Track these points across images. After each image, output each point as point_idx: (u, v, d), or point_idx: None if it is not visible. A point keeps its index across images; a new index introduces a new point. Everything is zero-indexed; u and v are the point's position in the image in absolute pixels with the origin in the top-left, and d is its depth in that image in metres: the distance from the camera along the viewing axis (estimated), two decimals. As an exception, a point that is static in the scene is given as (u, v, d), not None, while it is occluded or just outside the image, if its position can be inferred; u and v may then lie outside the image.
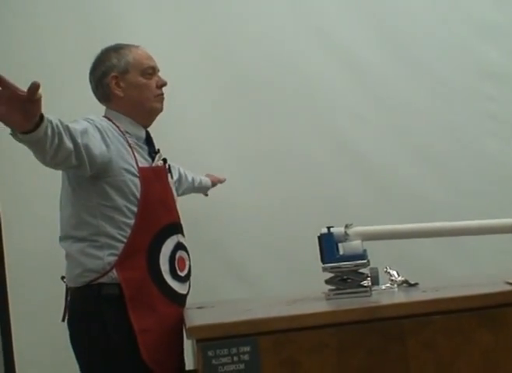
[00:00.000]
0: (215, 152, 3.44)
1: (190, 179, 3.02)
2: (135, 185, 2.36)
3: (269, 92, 3.51)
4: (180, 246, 2.46)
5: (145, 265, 2.33)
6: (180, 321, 2.35)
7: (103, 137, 2.31)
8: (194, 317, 2.20)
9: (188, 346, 2.41)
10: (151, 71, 2.50)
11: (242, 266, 3.38)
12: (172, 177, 2.60)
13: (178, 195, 2.75)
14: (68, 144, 2.10)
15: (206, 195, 3.20)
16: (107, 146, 2.31)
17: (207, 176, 3.18)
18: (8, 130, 1.96)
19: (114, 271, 2.30)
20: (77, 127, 2.18)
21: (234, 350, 1.91)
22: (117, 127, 2.42)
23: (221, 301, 2.69)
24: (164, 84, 2.53)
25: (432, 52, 3.63)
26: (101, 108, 2.53)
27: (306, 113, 3.53)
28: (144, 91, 2.48)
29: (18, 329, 3.24)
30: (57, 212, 2.46)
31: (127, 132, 2.43)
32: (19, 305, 3.24)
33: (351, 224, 2.36)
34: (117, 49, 2.50)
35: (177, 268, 2.42)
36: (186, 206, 3.10)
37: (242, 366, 1.91)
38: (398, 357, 1.96)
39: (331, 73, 3.57)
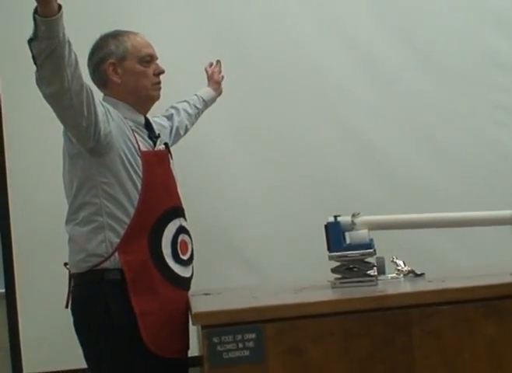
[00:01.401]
0: (222, 139, 3.44)
1: (191, 110, 2.98)
2: (137, 164, 2.36)
3: (278, 80, 3.50)
4: (182, 230, 2.46)
5: (146, 248, 2.34)
6: (183, 304, 2.36)
7: (103, 110, 2.32)
8: (200, 303, 2.21)
9: (193, 332, 2.41)
10: (149, 58, 2.50)
11: (248, 253, 3.39)
12: (172, 158, 2.58)
13: (189, 128, 2.91)
14: (81, 73, 2.15)
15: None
16: (108, 120, 2.32)
17: (208, 85, 3.14)
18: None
19: (116, 254, 2.30)
20: None
21: (239, 337, 1.92)
22: (118, 111, 2.43)
23: (227, 287, 2.69)
24: (162, 72, 2.53)
25: (442, 42, 3.62)
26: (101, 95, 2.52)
27: (316, 102, 3.53)
28: (141, 78, 2.48)
29: (25, 314, 3.27)
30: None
31: (125, 117, 2.44)
32: (26, 290, 3.26)
33: (358, 214, 2.36)
34: (115, 35, 2.50)
35: (179, 251, 2.43)
36: (193, 191, 3.13)
37: (247, 353, 1.92)
38: (403, 347, 1.96)
39: (340, 62, 3.57)
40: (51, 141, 2.43)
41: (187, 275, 2.47)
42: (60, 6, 1.99)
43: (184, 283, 2.45)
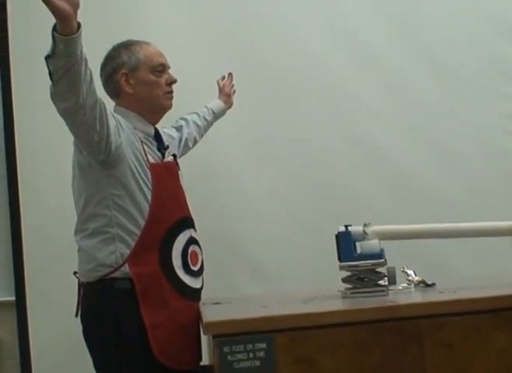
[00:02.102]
0: (230, 144, 3.45)
1: (200, 122, 2.99)
2: (146, 176, 2.36)
3: (288, 87, 3.52)
4: (192, 241, 2.46)
5: (157, 260, 2.33)
6: (194, 315, 2.35)
7: (115, 122, 2.32)
8: (211, 313, 2.20)
9: (204, 341, 2.41)
10: (161, 68, 2.50)
11: (258, 263, 3.39)
12: (179, 169, 2.58)
13: (198, 140, 2.94)
14: (95, 89, 2.15)
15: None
16: (119, 132, 2.32)
17: (219, 97, 3.16)
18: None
19: (127, 266, 2.30)
20: None
21: (250, 347, 1.91)
22: (128, 122, 2.43)
23: (237, 297, 2.69)
24: (174, 81, 2.53)
25: (451, 50, 3.64)
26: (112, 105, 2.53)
27: (326, 109, 3.55)
28: (153, 88, 2.48)
29: (35, 322, 3.28)
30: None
31: (135, 128, 2.44)
32: (36, 299, 3.27)
33: (369, 223, 2.36)
34: (127, 45, 2.50)
35: (189, 263, 2.42)
36: (203, 200, 3.13)
37: (257, 363, 1.91)
38: (414, 358, 1.95)
39: (351, 71, 3.58)
40: (65, 148, 2.43)
41: (198, 286, 2.47)
42: (79, 24, 1.99)
43: (195, 294, 2.45)
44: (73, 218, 2.45)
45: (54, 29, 1.97)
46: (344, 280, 2.33)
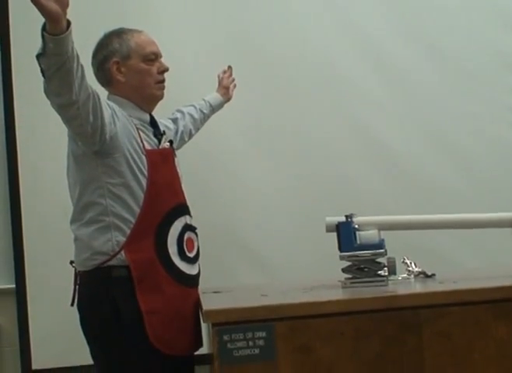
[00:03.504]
0: (231, 135, 3.45)
1: (196, 115, 2.95)
2: (142, 164, 2.36)
3: (289, 79, 3.51)
4: (188, 227, 2.46)
5: (153, 247, 2.34)
6: (190, 302, 2.36)
7: (110, 111, 2.32)
8: (211, 301, 2.21)
9: (204, 329, 2.41)
10: (153, 56, 2.48)
11: (259, 252, 3.39)
12: (176, 156, 2.58)
13: (194, 134, 2.91)
14: (87, 83, 2.14)
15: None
16: (114, 121, 2.32)
17: (217, 90, 3.11)
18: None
19: (123, 253, 2.31)
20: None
21: (250, 335, 1.92)
22: (123, 110, 2.43)
23: (237, 285, 2.70)
24: (165, 70, 2.51)
25: (455, 42, 3.62)
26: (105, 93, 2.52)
27: (326, 100, 3.53)
28: (145, 77, 2.47)
29: (34, 310, 3.29)
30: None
31: (130, 116, 2.44)
32: (36, 287, 3.28)
33: (355, 214, 2.37)
34: (119, 33, 2.49)
35: (185, 249, 2.42)
36: (204, 190, 3.14)
37: (257, 351, 1.92)
38: (413, 347, 1.96)
39: (353, 62, 3.57)
40: (64, 141, 2.43)
41: (194, 272, 2.47)
42: (69, 22, 1.98)
43: (191, 280, 2.45)
44: (72, 208, 2.45)
45: (44, 28, 1.97)
46: (344, 270, 2.33)
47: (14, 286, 3.35)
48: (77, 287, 2.42)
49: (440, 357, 1.97)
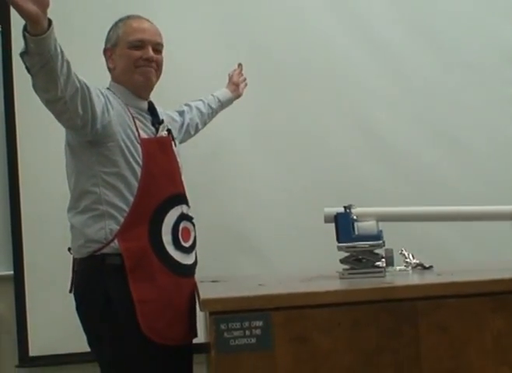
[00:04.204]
0: (231, 127, 3.44)
1: (204, 109, 2.95)
2: (137, 153, 2.36)
3: (294, 76, 3.53)
4: (184, 217, 2.45)
5: (146, 235, 2.34)
6: (184, 291, 2.37)
7: (103, 100, 2.32)
8: (208, 290, 2.21)
9: (200, 318, 2.41)
10: (138, 43, 2.45)
11: (257, 243, 3.40)
12: (176, 145, 2.57)
13: (201, 128, 2.92)
14: (74, 78, 2.14)
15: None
16: (108, 110, 2.32)
17: (227, 86, 3.10)
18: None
19: (116, 241, 2.31)
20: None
21: (246, 324, 1.92)
22: (119, 98, 2.44)
23: (235, 275, 2.70)
24: (148, 58, 2.46)
25: (458, 36, 3.63)
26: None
27: (327, 92, 3.54)
28: (126, 61, 2.46)
29: (32, 297, 3.29)
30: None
31: (127, 103, 2.44)
32: (34, 274, 3.29)
33: (353, 205, 2.37)
34: (116, 22, 2.51)
35: (180, 239, 2.42)
36: (202, 179, 3.13)
37: (254, 340, 1.92)
38: (409, 339, 1.96)
39: (355, 55, 3.58)
40: (62, 134, 2.43)
41: (189, 262, 2.46)
42: (50, 22, 1.98)
43: (185, 270, 2.44)
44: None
45: (25, 28, 1.97)
46: (342, 260, 2.33)
47: (12, 273, 3.35)
48: (74, 274, 2.43)
49: (436, 348, 1.97)
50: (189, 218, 2.49)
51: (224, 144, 3.43)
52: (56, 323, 3.21)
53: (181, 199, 2.48)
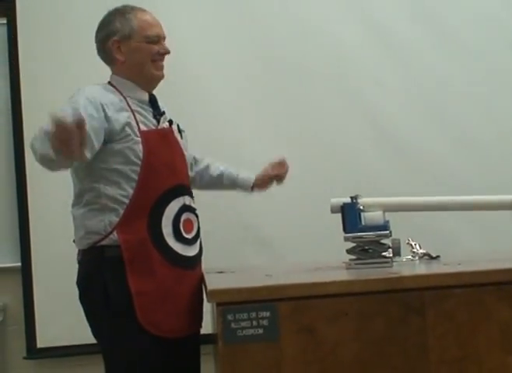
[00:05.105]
0: (240, 120, 3.45)
1: (215, 172, 2.74)
2: (137, 146, 2.35)
3: (302, 70, 3.52)
4: (186, 208, 2.43)
5: (145, 227, 2.33)
6: (185, 283, 2.35)
7: (98, 110, 2.30)
8: (215, 281, 2.21)
9: (208, 309, 2.42)
10: (156, 39, 2.44)
11: (264, 233, 3.40)
12: (182, 137, 2.55)
13: (198, 187, 2.68)
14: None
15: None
16: (106, 118, 2.30)
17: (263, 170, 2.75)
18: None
19: (115, 233, 2.31)
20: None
21: (253, 315, 1.92)
22: (119, 92, 2.42)
23: (242, 266, 2.70)
24: (166, 52, 2.47)
25: (464, 25, 3.62)
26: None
27: (334, 84, 3.55)
28: (144, 57, 2.43)
29: (40, 287, 3.30)
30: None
31: (129, 96, 2.42)
32: (41, 265, 3.30)
33: (360, 195, 2.37)
34: (123, 12, 2.46)
35: (182, 230, 2.39)
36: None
37: (261, 331, 1.92)
38: (417, 329, 1.96)
39: (364, 49, 3.58)
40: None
41: (191, 254, 2.43)
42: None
43: (187, 262, 2.41)
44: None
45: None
46: (348, 251, 2.33)
47: (19, 264, 3.37)
48: (78, 265, 2.44)
49: (443, 338, 1.97)
50: (192, 209, 2.47)
51: (232, 137, 3.43)
52: (63, 315, 3.22)
53: (184, 190, 2.46)
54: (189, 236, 2.42)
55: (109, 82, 2.47)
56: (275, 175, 2.75)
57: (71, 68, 3.35)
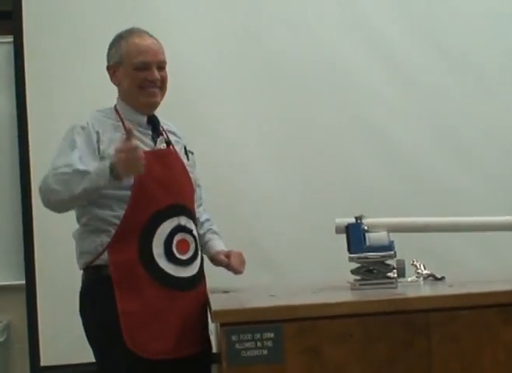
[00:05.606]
0: (243, 139, 3.46)
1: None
2: None
3: (303, 85, 3.52)
4: (180, 229, 2.41)
5: (135, 248, 2.33)
6: (176, 305, 2.33)
7: (90, 143, 2.37)
8: (220, 301, 2.21)
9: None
10: (142, 65, 2.42)
11: (268, 253, 3.39)
12: (188, 159, 2.56)
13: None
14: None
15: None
16: (98, 148, 2.36)
17: (221, 253, 2.64)
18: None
19: (106, 253, 2.33)
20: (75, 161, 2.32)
21: (258, 336, 1.92)
22: (119, 114, 2.46)
23: (246, 286, 2.69)
24: (153, 80, 2.44)
25: (468, 42, 3.62)
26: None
27: (338, 102, 3.54)
28: (130, 83, 2.44)
29: (44, 305, 3.30)
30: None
31: (127, 119, 2.44)
32: (46, 284, 3.30)
33: (364, 216, 2.36)
34: (119, 39, 2.49)
35: (174, 251, 2.38)
36: (214, 190, 3.13)
37: (265, 352, 1.92)
38: (421, 351, 1.96)
39: (361, 59, 3.58)
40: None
41: (185, 275, 2.40)
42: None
43: (180, 283, 2.38)
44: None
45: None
46: (353, 271, 2.33)
47: (24, 282, 3.36)
48: None
49: (449, 360, 1.96)
50: (188, 230, 2.44)
51: (236, 154, 3.43)
52: (67, 333, 3.20)
53: (180, 210, 2.43)
54: (184, 257, 2.41)
55: (115, 105, 2.50)
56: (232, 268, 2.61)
57: (77, 84, 3.37)
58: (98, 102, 2.54)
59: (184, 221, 2.43)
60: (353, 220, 2.35)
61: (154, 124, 2.50)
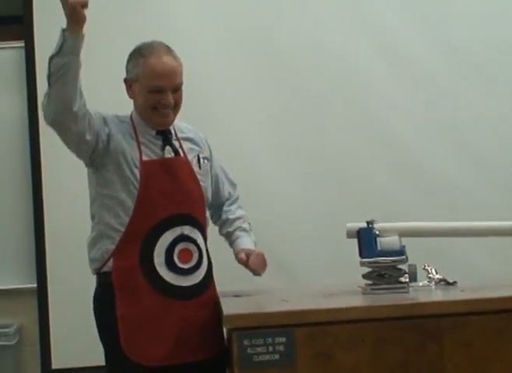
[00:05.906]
0: (254, 142, 3.46)
1: (228, 227, 2.68)
2: (134, 175, 2.37)
3: (309, 84, 3.52)
4: (183, 238, 2.40)
5: (137, 255, 2.35)
6: (175, 313, 2.32)
7: (105, 123, 2.38)
8: (231, 305, 2.21)
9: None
10: (156, 89, 2.40)
11: (279, 257, 3.38)
12: (200, 168, 2.52)
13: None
14: (85, 101, 2.30)
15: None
16: (108, 140, 2.36)
17: (243, 250, 2.58)
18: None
19: (111, 260, 2.35)
20: None
21: (270, 340, 1.92)
22: (133, 123, 2.46)
23: (257, 290, 2.69)
24: (166, 105, 2.42)
25: (476, 45, 3.61)
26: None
27: (346, 105, 3.54)
28: (144, 102, 2.43)
29: (55, 308, 3.31)
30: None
31: (140, 129, 2.45)
32: (57, 287, 3.31)
33: (375, 221, 2.36)
34: (138, 55, 2.45)
35: (175, 260, 2.38)
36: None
37: (277, 356, 1.92)
38: (433, 356, 1.95)
39: (372, 65, 3.57)
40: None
41: (187, 284, 2.39)
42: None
43: (179, 292, 2.38)
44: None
45: (63, 29, 2.17)
46: (364, 276, 2.32)
47: (35, 285, 3.37)
48: None
49: (461, 366, 1.96)
50: (191, 239, 2.43)
51: (246, 159, 3.44)
52: (79, 336, 3.22)
53: (184, 220, 2.42)
54: (185, 266, 2.40)
55: (131, 114, 2.50)
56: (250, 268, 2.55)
57: (86, 88, 3.36)
58: (107, 106, 2.54)
59: (187, 230, 2.43)
60: (364, 224, 2.34)
61: (165, 135, 2.50)
